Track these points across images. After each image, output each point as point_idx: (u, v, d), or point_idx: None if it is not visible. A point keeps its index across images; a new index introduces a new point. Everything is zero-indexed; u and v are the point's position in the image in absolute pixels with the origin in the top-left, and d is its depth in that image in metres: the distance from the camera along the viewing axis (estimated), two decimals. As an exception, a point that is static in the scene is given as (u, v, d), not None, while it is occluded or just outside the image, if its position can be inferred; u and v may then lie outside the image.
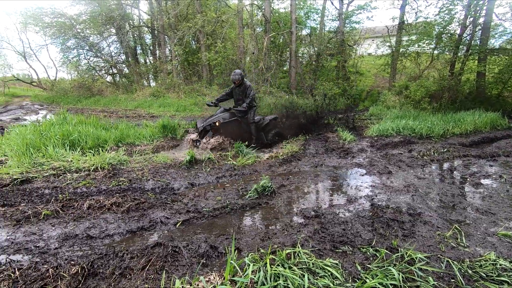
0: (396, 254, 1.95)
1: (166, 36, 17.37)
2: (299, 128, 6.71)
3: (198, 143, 5.22)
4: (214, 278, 1.67)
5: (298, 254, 1.91)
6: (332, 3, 17.14)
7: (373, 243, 2.13)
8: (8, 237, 2.23)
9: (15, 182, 3.32)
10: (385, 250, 2.01)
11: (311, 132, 6.86)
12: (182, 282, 1.64)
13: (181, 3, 16.28)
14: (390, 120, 7.52)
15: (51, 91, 19.14)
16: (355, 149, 5.30)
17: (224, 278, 1.65)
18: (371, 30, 20.49)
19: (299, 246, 2.03)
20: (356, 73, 16.26)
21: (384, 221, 2.50)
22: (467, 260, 1.93)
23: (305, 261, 1.83)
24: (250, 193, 3.18)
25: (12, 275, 1.66)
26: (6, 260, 1.90)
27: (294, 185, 3.55)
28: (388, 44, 14.47)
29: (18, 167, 3.71)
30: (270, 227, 2.47)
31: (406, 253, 1.96)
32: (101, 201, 2.79)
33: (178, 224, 2.52)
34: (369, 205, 2.90)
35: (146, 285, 1.65)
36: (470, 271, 1.81)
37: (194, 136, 5.43)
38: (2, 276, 1.62)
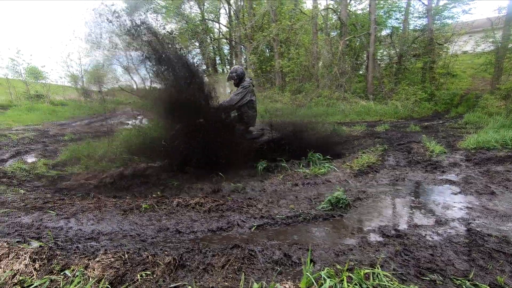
0: (502, 294, 1.66)
1: (242, 46, 18.41)
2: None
3: None
4: (290, 287, 1.71)
5: (377, 276, 1.80)
6: (419, -1, 15.51)
7: (471, 276, 1.85)
8: (117, 225, 2.70)
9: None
10: (488, 287, 1.72)
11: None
12: (259, 286, 1.73)
13: (257, 14, 17.07)
14: (492, 130, 6.36)
15: (146, 99, 22.31)
16: (445, 163, 4.66)
17: (298, 289, 1.68)
18: (467, 25, 17.72)
19: (378, 267, 1.91)
20: (447, 74, 14.30)
21: (486, 251, 2.14)
22: None
23: (386, 285, 1.71)
24: (323, 204, 3.12)
25: (122, 257, 2.01)
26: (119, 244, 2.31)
27: (371, 199, 3.34)
28: (491, 39, 12.30)
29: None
30: (345, 242, 2.38)
31: (517, 294, 1.65)
32: (187, 200, 3.14)
33: (253, 228, 2.65)
34: (465, 230, 2.52)
35: (226, 283, 1.79)
36: None
37: None
38: (116, 257, 1.97)
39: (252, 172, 4.42)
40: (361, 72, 17.51)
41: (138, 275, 1.82)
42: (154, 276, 1.84)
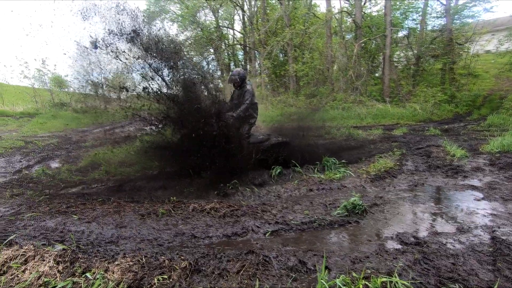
0: (531, 306, 1.57)
1: (256, 52, 18.56)
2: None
3: None
4: (304, 294, 1.70)
5: (395, 285, 1.76)
6: (436, -1, 15.15)
7: (495, 287, 1.77)
8: (136, 229, 2.78)
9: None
10: (514, 299, 1.64)
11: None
12: (273, 292, 1.73)
13: (270, 19, 17.18)
14: (519, 133, 6.07)
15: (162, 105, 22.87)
16: (467, 168, 4.49)
17: (313, 296, 1.66)
18: (489, 24, 17.07)
19: (396, 275, 1.86)
20: (469, 75, 13.80)
21: (512, 261, 2.04)
22: None
23: (404, 294, 1.67)
24: (339, 209, 3.08)
25: (140, 260, 2.06)
26: (136, 247, 2.37)
27: (389, 205, 3.26)
28: (515, 38, 11.81)
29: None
30: (361, 249, 2.33)
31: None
32: (203, 205, 3.18)
33: (268, 234, 2.65)
34: (489, 238, 2.41)
35: (241, 289, 1.80)
36: None
37: None
38: (134, 261, 2.03)
39: (266, 177, 4.42)
40: (377, 75, 17.20)
41: (155, 279, 1.86)
42: (171, 280, 1.88)
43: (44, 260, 2.04)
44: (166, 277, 1.90)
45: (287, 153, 4.69)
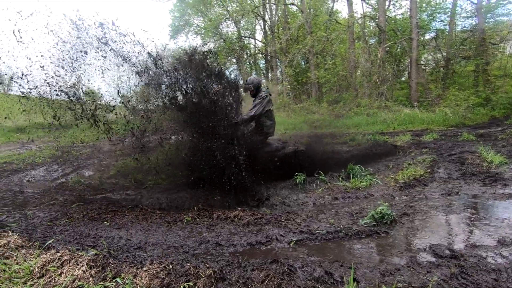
0: None
1: (277, 60, 18.68)
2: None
3: None
4: (331, 307, 1.64)
5: (430, 300, 1.65)
6: (466, -2, 14.51)
7: (546, 307, 1.61)
8: (162, 236, 2.85)
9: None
10: None
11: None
12: (299, 304, 1.69)
13: (292, 27, 17.28)
14: None
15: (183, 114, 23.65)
16: (507, 175, 4.17)
17: (341, 310, 1.60)
18: (527, 21, 15.97)
19: (431, 290, 1.75)
20: (505, 76, 12.94)
21: None
22: None
23: (440, 311, 1.56)
24: (366, 219, 2.97)
25: (167, 267, 2.10)
26: (163, 254, 2.43)
27: (420, 215, 3.10)
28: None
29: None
30: (391, 261, 2.23)
31: None
32: (226, 213, 3.21)
33: (292, 243, 2.61)
34: (536, 252, 2.21)
35: (266, 299, 1.78)
36: None
37: None
38: (161, 267, 2.08)
39: (290, 185, 4.38)
40: (403, 79, 16.62)
41: (182, 286, 1.89)
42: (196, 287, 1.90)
43: (78, 264, 2.15)
44: (192, 284, 1.92)
45: (307, 161, 4.60)
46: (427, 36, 16.23)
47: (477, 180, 4.12)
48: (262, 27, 21.05)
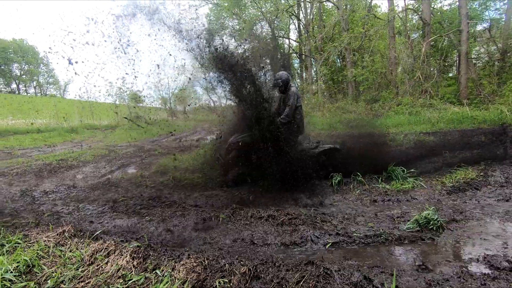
0: None
1: (312, 59, 18.35)
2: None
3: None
4: (371, 314, 1.56)
5: (484, 316, 1.49)
6: (527, -18, 13.03)
7: None
8: (198, 232, 2.93)
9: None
10: None
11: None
12: (336, 308, 1.63)
13: (327, 25, 16.85)
14: None
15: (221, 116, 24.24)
16: None
17: (382, 318, 1.51)
18: None
19: (486, 305, 1.58)
20: None
21: None
22: None
23: (497, 328, 1.40)
24: (409, 224, 2.78)
25: (203, 262, 2.16)
26: (199, 249, 2.50)
27: (472, 222, 2.83)
28: None
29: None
30: (438, 270, 2.06)
31: None
32: (260, 212, 3.21)
33: (328, 245, 2.53)
34: None
35: (301, 301, 1.74)
36: None
37: None
38: (197, 262, 2.14)
39: (325, 186, 4.26)
40: (450, 75, 15.35)
41: (217, 282, 1.93)
42: (231, 284, 1.92)
43: (122, 255, 2.29)
44: (226, 280, 1.95)
45: (342, 161, 4.45)
46: (479, 27, 14.83)
47: (541, 185, 3.66)
48: (297, 26, 20.84)
